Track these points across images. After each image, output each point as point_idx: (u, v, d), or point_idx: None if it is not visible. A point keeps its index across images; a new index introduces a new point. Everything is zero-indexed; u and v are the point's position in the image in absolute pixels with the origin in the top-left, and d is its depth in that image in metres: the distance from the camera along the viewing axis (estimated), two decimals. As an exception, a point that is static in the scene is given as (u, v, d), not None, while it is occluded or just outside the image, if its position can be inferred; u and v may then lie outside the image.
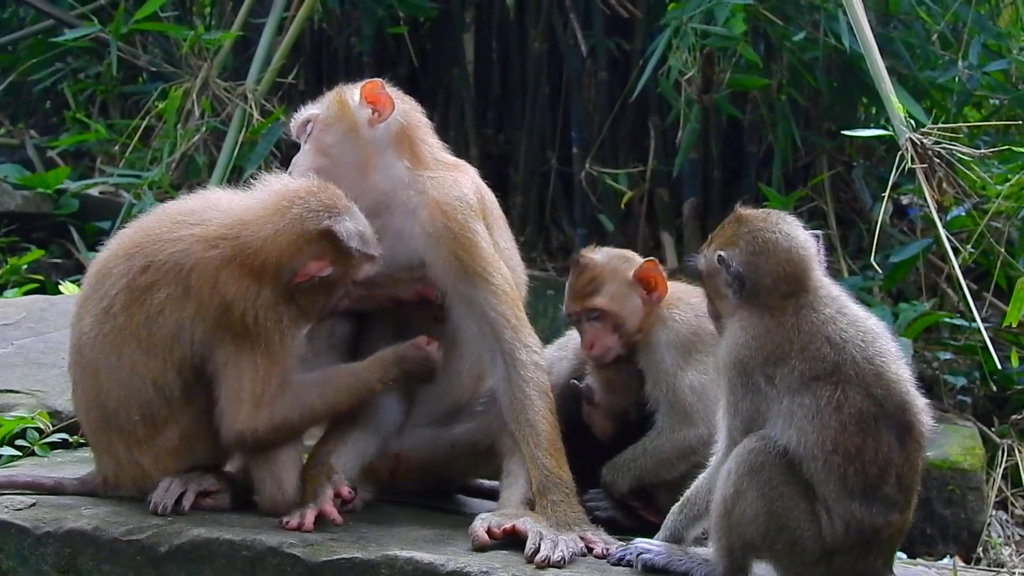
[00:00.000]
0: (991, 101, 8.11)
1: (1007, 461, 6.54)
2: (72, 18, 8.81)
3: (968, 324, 6.82)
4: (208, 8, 9.60)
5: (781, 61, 7.69)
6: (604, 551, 3.92)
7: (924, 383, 6.98)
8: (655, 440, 4.25)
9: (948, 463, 6.16)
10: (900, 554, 5.36)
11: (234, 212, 4.08)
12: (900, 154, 5.48)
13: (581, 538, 3.96)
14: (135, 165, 7.86)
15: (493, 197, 4.49)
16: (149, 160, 7.75)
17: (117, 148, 8.20)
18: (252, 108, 7.51)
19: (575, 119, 8.50)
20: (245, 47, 8.46)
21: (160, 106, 7.76)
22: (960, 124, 6.76)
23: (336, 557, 3.81)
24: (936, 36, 7.93)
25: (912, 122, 5.61)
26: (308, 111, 4.39)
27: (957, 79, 7.48)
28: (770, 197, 7.38)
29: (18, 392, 5.09)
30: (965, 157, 5.47)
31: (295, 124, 4.41)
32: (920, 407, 3.69)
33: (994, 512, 6.33)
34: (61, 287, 6.60)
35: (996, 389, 7.05)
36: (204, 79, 7.65)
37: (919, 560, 5.44)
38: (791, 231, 3.78)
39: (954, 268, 5.72)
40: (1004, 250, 6.80)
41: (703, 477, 3.79)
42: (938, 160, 5.38)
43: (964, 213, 6.91)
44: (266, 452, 4.05)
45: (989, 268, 7.06)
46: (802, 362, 3.60)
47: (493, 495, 4.39)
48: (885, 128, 6.56)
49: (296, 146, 4.45)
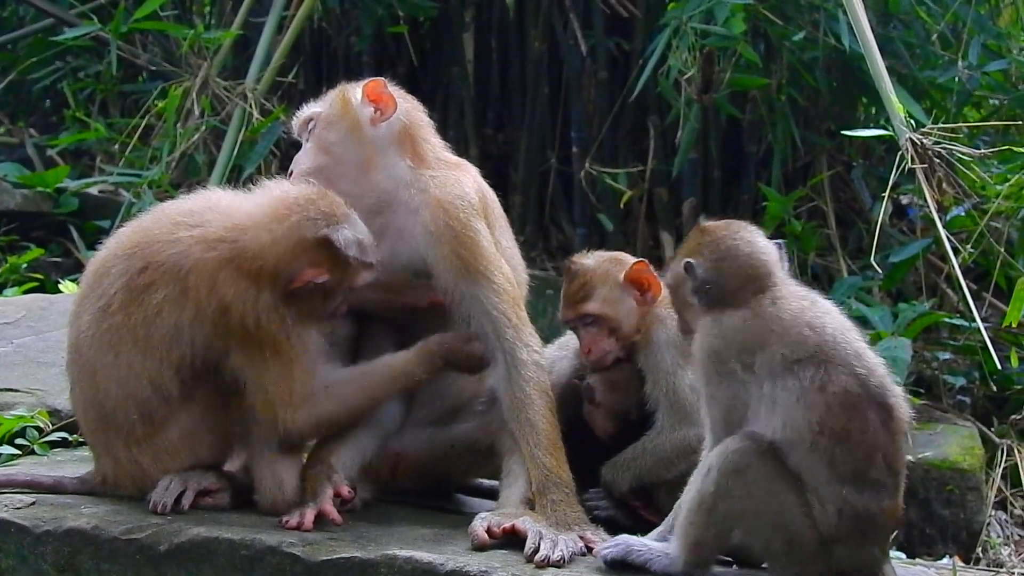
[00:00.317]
0: (991, 101, 8.11)
1: (1006, 461, 6.54)
2: (72, 17, 8.82)
3: (968, 324, 6.82)
4: (208, 7, 9.59)
5: (781, 61, 7.68)
6: (603, 551, 3.91)
7: (924, 383, 7.08)
8: (655, 439, 4.24)
9: (947, 463, 6.16)
10: (900, 554, 5.38)
11: (233, 216, 4.07)
12: (900, 154, 5.48)
13: (581, 538, 3.95)
14: (135, 164, 7.87)
15: (494, 196, 4.49)
16: (149, 159, 7.75)
17: (117, 147, 8.20)
18: (252, 107, 7.51)
19: (575, 119, 8.49)
20: (245, 46, 8.46)
21: (160, 105, 7.76)
22: (960, 124, 6.77)
23: (335, 556, 3.80)
24: (936, 36, 7.93)
25: (912, 122, 5.61)
26: (310, 109, 4.38)
27: (957, 79, 7.48)
28: (770, 197, 7.38)
29: (18, 391, 5.09)
30: (965, 157, 5.48)
31: (297, 122, 4.40)
32: (898, 393, 3.75)
33: (993, 512, 6.33)
34: (61, 286, 6.60)
35: (996, 389, 7.05)
36: (204, 78, 7.65)
37: (918, 560, 5.45)
38: (752, 238, 3.90)
39: (954, 268, 5.73)
40: (1004, 250, 6.80)
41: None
42: (938, 160, 5.39)
43: (964, 213, 6.91)
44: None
45: (989, 268, 7.06)
46: (783, 347, 3.66)
47: (493, 495, 4.38)
48: (885, 128, 6.56)
49: (296, 145, 4.44)
